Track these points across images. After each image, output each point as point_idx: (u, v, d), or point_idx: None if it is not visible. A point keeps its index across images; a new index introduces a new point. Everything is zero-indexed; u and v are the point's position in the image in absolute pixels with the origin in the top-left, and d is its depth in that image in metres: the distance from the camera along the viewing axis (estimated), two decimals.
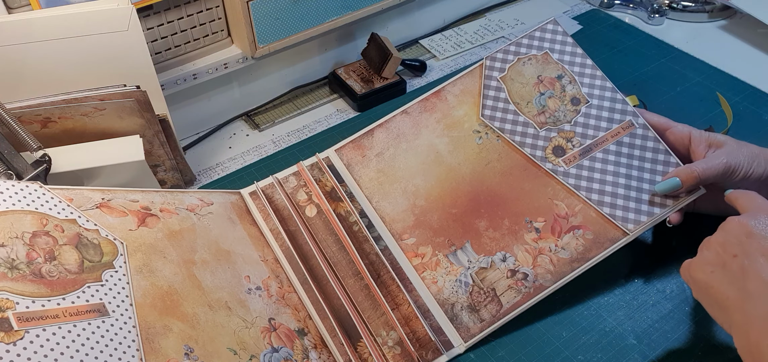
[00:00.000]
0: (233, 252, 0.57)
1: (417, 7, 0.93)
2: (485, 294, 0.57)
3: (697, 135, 0.61)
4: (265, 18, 0.75)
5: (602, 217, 0.59)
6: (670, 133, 0.63)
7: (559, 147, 0.64)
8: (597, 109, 0.65)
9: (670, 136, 0.63)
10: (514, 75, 0.68)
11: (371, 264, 0.60)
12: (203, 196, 0.60)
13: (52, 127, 0.59)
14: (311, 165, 0.67)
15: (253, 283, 0.56)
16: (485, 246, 0.60)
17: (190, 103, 0.79)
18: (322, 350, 0.54)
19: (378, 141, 0.68)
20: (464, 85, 0.69)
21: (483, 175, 0.64)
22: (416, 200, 0.64)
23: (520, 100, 0.67)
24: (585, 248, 0.58)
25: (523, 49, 0.69)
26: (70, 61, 0.61)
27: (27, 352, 0.41)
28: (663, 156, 0.62)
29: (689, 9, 0.96)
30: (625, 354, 0.53)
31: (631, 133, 0.63)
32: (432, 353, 0.55)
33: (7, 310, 0.42)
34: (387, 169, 0.66)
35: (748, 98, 0.79)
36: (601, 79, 0.66)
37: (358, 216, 0.63)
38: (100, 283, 0.47)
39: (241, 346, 0.50)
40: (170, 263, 0.52)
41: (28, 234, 0.47)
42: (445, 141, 0.66)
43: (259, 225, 0.62)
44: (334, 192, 0.64)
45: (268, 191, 0.64)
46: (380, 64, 0.82)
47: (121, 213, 0.53)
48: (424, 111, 0.68)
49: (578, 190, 0.61)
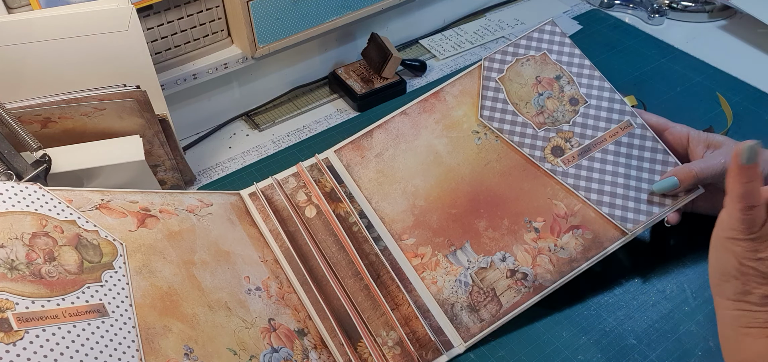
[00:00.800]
0: (233, 252, 0.57)
1: (417, 7, 0.93)
2: (485, 294, 0.57)
3: (696, 135, 0.61)
4: (265, 18, 0.75)
5: (601, 217, 0.59)
6: (668, 134, 0.63)
7: (558, 147, 0.64)
8: (595, 110, 0.65)
9: (669, 137, 0.63)
10: (513, 76, 0.68)
11: (371, 265, 0.60)
12: (203, 197, 0.61)
13: (52, 127, 0.59)
14: (310, 166, 0.67)
15: (253, 284, 0.56)
16: (485, 246, 0.60)
17: (190, 103, 0.79)
18: (322, 350, 0.54)
19: (377, 142, 0.68)
20: (463, 85, 0.69)
21: (482, 175, 0.64)
22: (416, 200, 0.64)
23: (519, 100, 0.67)
24: (584, 248, 0.58)
25: (521, 49, 0.69)
26: (70, 61, 0.61)
27: (27, 352, 0.41)
28: (661, 155, 0.62)
29: (689, 9, 0.96)
30: (625, 354, 0.53)
31: (630, 133, 0.63)
32: (432, 353, 0.55)
33: (6, 311, 0.42)
34: (386, 170, 0.66)
35: (748, 98, 0.80)
36: (600, 79, 0.66)
37: (358, 217, 0.63)
38: (99, 284, 0.47)
39: (240, 346, 0.50)
40: (170, 264, 0.52)
41: (28, 235, 0.47)
42: (445, 141, 0.66)
43: (259, 225, 0.62)
44: (333, 193, 0.64)
45: (267, 192, 0.64)
46: (380, 64, 0.82)
47: (120, 214, 0.53)
48: (423, 112, 0.69)
49: (577, 190, 0.61)
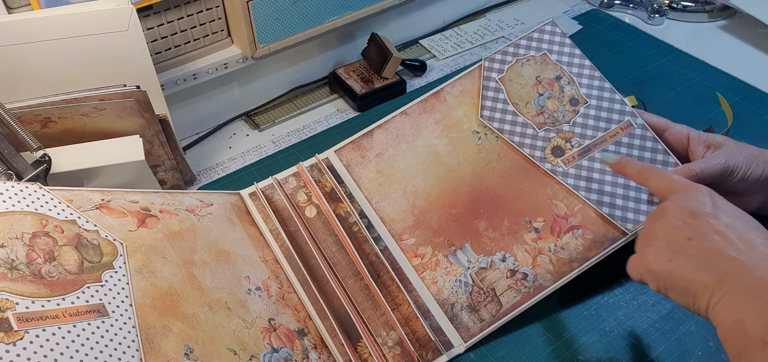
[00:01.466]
0: (233, 252, 0.57)
1: (417, 7, 0.93)
2: (485, 294, 0.57)
3: (696, 135, 0.61)
4: (265, 18, 0.75)
5: (601, 217, 0.59)
6: (668, 134, 0.63)
7: (558, 147, 0.64)
8: (595, 110, 0.65)
9: (669, 137, 0.63)
10: (513, 76, 0.68)
11: (371, 265, 0.60)
12: (203, 197, 0.61)
13: (52, 127, 0.59)
14: (311, 166, 0.67)
15: (253, 284, 0.56)
16: (485, 247, 0.60)
17: (190, 103, 0.79)
18: (322, 350, 0.54)
19: (377, 142, 0.68)
20: (463, 85, 0.69)
21: (482, 175, 0.64)
22: (416, 200, 0.64)
23: (519, 100, 0.67)
24: (584, 248, 0.58)
25: (521, 50, 0.69)
26: (70, 61, 0.61)
27: (27, 352, 0.41)
28: (662, 156, 0.62)
29: (689, 9, 0.96)
30: (625, 354, 0.53)
31: (630, 134, 0.63)
32: (432, 353, 0.55)
33: (6, 310, 0.42)
34: (386, 170, 0.66)
35: (748, 98, 0.80)
36: (600, 79, 0.66)
37: (358, 217, 0.63)
38: (99, 284, 0.47)
39: (241, 346, 0.50)
40: (170, 263, 0.52)
41: (28, 234, 0.47)
42: (445, 141, 0.66)
43: (259, 225, 0.62)
44: (333, 193, 0.64)
45: (267, 192, 0.64)
46: (380, 64, 0.82)
47: (120, 214, 0.53)
48: (424, 112, 0.69)
49: (577, 190, 0.61)
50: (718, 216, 0.44)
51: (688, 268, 0.43)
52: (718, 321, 0.41)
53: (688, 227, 0.44)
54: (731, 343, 0.40)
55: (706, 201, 0.46)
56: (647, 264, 0.46)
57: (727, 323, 0.40)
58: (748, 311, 0.39)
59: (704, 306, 0.42)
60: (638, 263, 0.47)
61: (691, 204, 0.46)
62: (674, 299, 0.45)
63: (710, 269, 0.42)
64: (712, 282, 0.42)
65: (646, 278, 0.47)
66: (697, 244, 0.43)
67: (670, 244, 0.45)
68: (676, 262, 0.44)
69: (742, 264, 0.41)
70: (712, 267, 0.42)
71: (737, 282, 0.41)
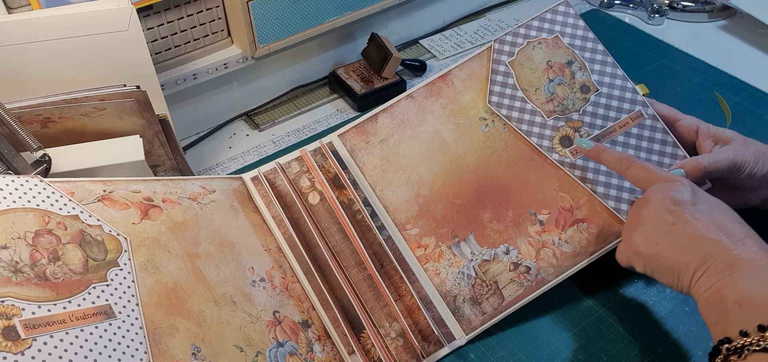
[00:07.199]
0: (237, 242, 0.57)
1: (417, 7, 0.92)
2: (488, 286, 0.58)
3: (705, 129, 0.61)
4: (265, 18, 0.74)
5: (607, 211, 0.59)
6: (678, 125, 0.62)
7: (567, 137, 0.63)
8: (606, 98, 0.64)
9: (679, 128, 0.62)
10: (524, 59, 0.66)
11: (374, 254, 0.60)
12: (205, 183, 0.60)
13: (52, 127, 0.59)
14: (314, 150, 0.66)
15: (257, 275, 0.56)
16: (489, 239, 0.60)
17: (190, 103, 0.78)
18: (325, 341, 0.55)
19: (382, 126, 0.66)
20: (471, 69, 0.67)
21: (488, 164, 0.63)
22: (420, 189, 0.63)
23: (529, 86, 0.65)
24: (588, 242, 0.58)
25: (533, 31, 0.67)
26: (70, 61, 0.61)
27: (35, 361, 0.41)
28: (671, 148, 0.61)
29: (689, 9, 0.95)
30: (626, 354, 0.54)
31: (640, 124, 0.62)
32: (434, 345, 0.56)
33: (13, 318, 0.42)
34: (391, 157, 0.65)
35: (748, 98, 0.79)
36: (612, 65, 0.65)
37: (362, 205, 0.62)
38: (105, 283, 0.47)
39: (247, 342, 0.51)
40: (174, 257, 0.52)
41: (31, 233, 0.47)
42: (451, 128, 0.65)
43: (262, 212, 0.61)
44: (337, 180, 0.64)
45: (270, 176, 0.64)
46: (380, 64, 0.81)
47: (123, 205, 0.53)
48: (430, 96, 0.67)
49: (584, 182, 0.60)
50: (697, 205, 0.48)
51: (673, 250, 0.47)
52: (699, 295, 0.45)
53: (671, 214, 0.48)
54: (710, 311, 0.44)
55: (687, 191, 0.50)
56: (635, 247, 0.50)
57: (707, 295, 0.45)
58: (725, 282, 0.44)
59: (687, 283, 0.47)
60: (626, 247, 0.51)
61: (673, 193, 0.49)
62: (659, 279, 0.49)
63: (694, 250, 0.46)
64: (696, 261, 0.46)
65: (634, 261, 0.51)
66: (681, 229, 0.47)
67: (656, 229, 0.49)
68: (662, 244, 0.48)
69: (722, 244, 0.45)
70: (695, 249, 0.46)
71: (717, 260, 0.45)
